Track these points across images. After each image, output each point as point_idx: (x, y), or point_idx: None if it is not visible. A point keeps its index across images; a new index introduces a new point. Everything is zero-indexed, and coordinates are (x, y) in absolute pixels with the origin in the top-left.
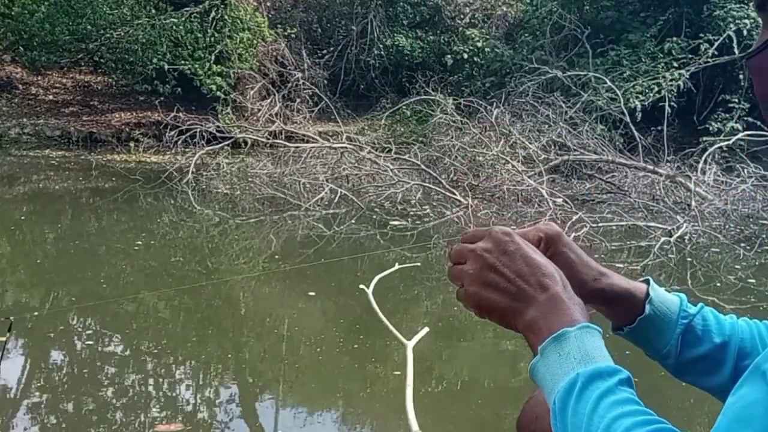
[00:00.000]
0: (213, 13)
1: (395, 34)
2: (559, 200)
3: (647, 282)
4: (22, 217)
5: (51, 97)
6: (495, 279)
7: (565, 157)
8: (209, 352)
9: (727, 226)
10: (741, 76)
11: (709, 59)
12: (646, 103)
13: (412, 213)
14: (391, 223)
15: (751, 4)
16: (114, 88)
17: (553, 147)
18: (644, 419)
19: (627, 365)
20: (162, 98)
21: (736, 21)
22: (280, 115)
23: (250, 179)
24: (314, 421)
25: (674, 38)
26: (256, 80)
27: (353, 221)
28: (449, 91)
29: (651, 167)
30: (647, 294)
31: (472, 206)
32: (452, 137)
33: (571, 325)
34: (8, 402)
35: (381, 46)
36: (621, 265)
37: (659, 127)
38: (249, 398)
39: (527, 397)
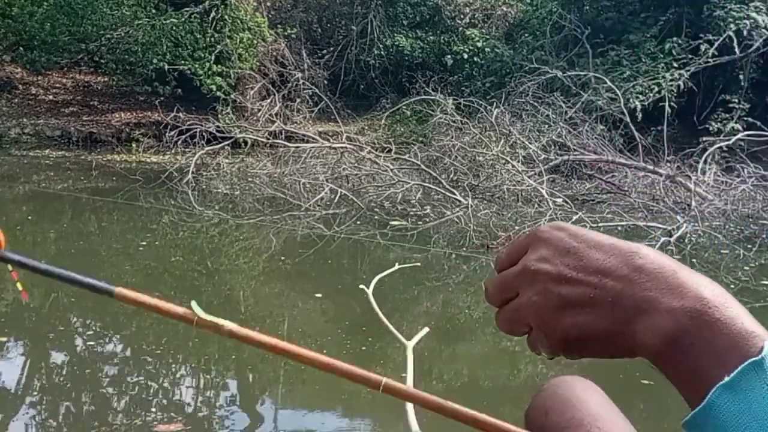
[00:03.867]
0: (213, 14)
1: (395, 34)
2: (559, 200)
3: None
4: (24, 217)
5: (51, 97)
6: (572, 292)
7: (565, 157)
8: (210, 352)
9: (727, 226)
10: (741, 76)
11: (709, 59)
12: (646, 103)
13: (412, 213)
14: (391, 223)
15: (751, 4)
16: (114, 89)
17: (553, 147)
18: None
19: None
20: (162, 98)
21: (736, 21)
22: (280, 115)
23: (250, 179)
24: (314, 421)
25: (674, 38)
26: (256, 80)
27: (354, 221)
28: (449, 91)
29: (651, 167)
30: None
31: (472, 206)
32: (452, 137)
33: (753, 336)
34: (8, 402)
35: (381, 46)
36: None
37: (659, 127)
38: (249, 398)
39: (537, 391)
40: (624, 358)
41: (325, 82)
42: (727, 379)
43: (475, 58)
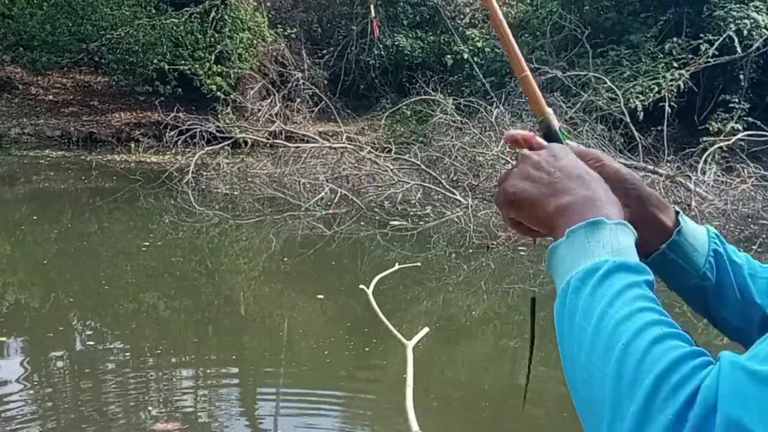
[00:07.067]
0: (213, 13)
1: (395, 34)
2: None
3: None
4: (23, 217)
5: (51, 97)
6: (534, 174)
7: None
8: (209, 352)
9: (727, 226)
10: (741, 76)
11: (709, 59)
12: (646, 103)
13: (412, 213)
14: (391, 223)
15: (751, 4)
16: (114, 88)
17: None
18: (669, 325)
19: None
20: (162, 98)
21: (736, 21)
22: (280, 115)
23: (250, 179)
24: (314, 420)
25: (674, 38)
26: (256, 80)
27: (354, 221)
28: (449, 91)
29: (651, 167)
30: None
31: (472, 206)
32: (452, 137)
33: (609, 218)
34: (7, 402)
35: (381, 46)
36: None
37: (659, 127)
38: (248, 398)
39: None
40: (542, 232)
41: (325, 82)
42: (568, 229)
43: (475, 58)
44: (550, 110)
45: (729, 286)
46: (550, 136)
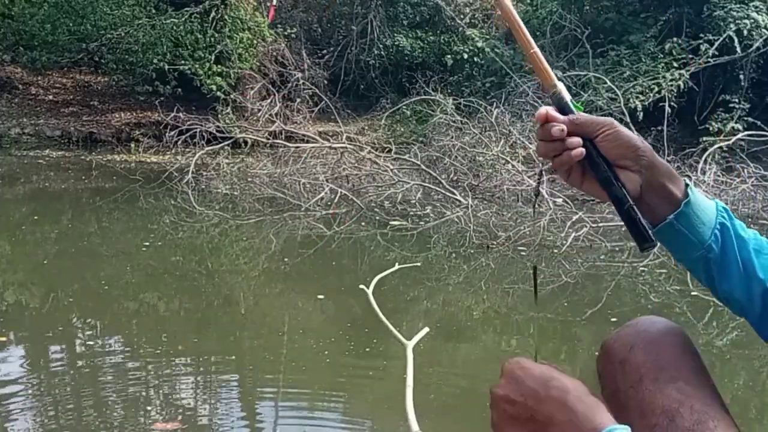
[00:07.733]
0: (213, 13)
1: (395, 34)
2: (559, 200)
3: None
4: (23, 217)
5: (51, 97)
6: (511, 410)
7: None
8: (209, 351)
9: None
10: (741, 76)
11: (709, 59)
12: (647, 103)
13: (412, 213)
14: (391, 223)
15: (751, 4)
16: (114, 88)
17: None
18: None
19: None
20: (162, 98)
21: (736, 21)
22: (280, 115)
23: (250, 179)
24: (314, 420)
25: (674, 38)
26: (256, 80)
27: (354, 221)
28: (449, 91)
29: None
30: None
31: (472, 206)
32: (452, 137)
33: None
34: (7, 402)
35: (381, 46)
36: (621, 264)
37: (659, 127)
38: (248, 398)
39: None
40: None
41: (325, 82)
42: None
43: (475, 58)
44: (560, 84)
45: (732, 260)
46: (563, 108)
